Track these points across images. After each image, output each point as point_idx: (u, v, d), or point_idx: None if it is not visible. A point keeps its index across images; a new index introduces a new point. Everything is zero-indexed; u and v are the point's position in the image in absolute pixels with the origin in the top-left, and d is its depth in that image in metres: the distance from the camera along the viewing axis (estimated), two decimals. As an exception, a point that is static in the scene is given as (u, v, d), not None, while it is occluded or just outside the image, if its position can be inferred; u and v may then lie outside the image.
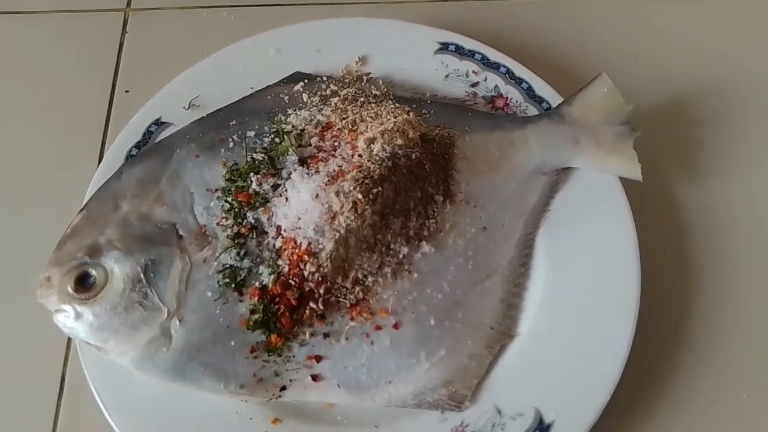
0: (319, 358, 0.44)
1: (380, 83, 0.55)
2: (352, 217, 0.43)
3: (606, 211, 0.50)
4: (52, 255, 0.44)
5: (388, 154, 0.46)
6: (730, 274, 0.51)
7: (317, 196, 0.44)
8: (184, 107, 0.54)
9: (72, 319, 0.42)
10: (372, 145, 0.46)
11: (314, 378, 0.43)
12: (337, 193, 0.44)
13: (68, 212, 0.50)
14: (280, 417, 0.44)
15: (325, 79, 0.54)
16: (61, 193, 0.55)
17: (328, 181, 0.45)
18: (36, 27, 0.65)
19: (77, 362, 0.47)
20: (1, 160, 0.58)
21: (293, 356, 0.43)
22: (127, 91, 0.61)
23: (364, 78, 0.55)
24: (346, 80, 0.55)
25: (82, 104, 0.60)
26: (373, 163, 0.45)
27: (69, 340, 0.50)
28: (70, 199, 0.52)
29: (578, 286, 0.47)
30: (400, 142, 0.47)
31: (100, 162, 0.57)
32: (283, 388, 0.43)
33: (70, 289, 0.42)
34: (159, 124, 0.54)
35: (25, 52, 0.64)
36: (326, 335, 0.44)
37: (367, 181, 0.44)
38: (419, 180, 0.47)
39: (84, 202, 0.49)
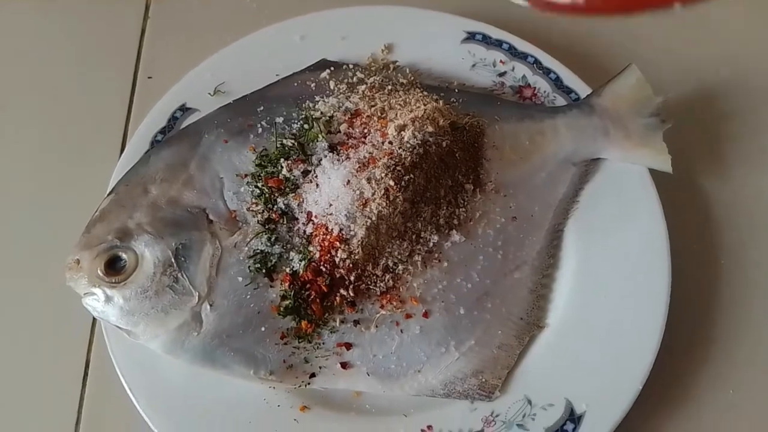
0: (348, 346, 0.43)
1: (407, 71, 0.54)
2: (384, 204, 0.43)
3: (636, 203, 0.49)
4: (81, 238, 0.43)
5: (419, 142, 0.45)
6: (759, 267, 0.51)
7: (348, 182, 0.43)
8: (209, 93, 0.54)
9: (102, 302, 0.42)
10: (403, 132, 0.46)
11: (343, 365, 0.43)
12: (369, 180, 0.43)
13: (91, 197, 0.50)
14: (308, 404, 0.43)
15: (351, 66, 0.54)
16: (84, 178, 0.55)
17: (359, 167, 0.44)
18: (58, 12, 0.64)
19: (101, 347, 0.47)
20: (24, 145, 0.58)
21: (323, 343, 0.43)
22: (149, 77, 0.60)
23: (391, 66, 0.55)
24: (373, 68, 0.54)
25: (105, 90, 0.60)
26: (404, 150, 0.45)
27: (93, 324, 0.50)
28: (93, 183, 0.52)
29: (607, 277, 0.47)
30: (430, 129, 0.46)
31: (122, 147, 0.57)
32: (313, 375, 0.43)
33: (100, 272, 0.42)
34: (184, 109, 0.53)
35: (47, 37, 0.63)
36: (356, 322, 0.43)
37: (398, 168, 0.44)
38: (450, 168, 0.47)
39: (110, 187, 0.49)
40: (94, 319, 0.48)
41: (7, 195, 0.55)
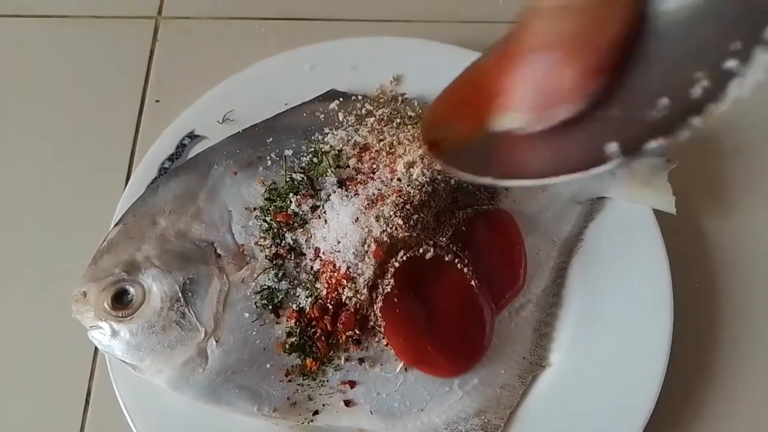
0: (352, 384, 0.43)
1: (415, 104, 0.54)
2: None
3: (639, 243, 0.49)
4: (88, 270, 0.43)
5: (428, 179, 0.45)
6: (760, 307, 0.51)
7: (357, 219, 0.43)
8: (218, 121, 0.54)
9: (108, 336, 0.42)
10: (411, 169, 0.46)
11: (347, 403, 0.43)
12: (377, 218, 0.43)
13: (96, 222, 0.50)
14: (311, 441, 0.43)
15: (360, 98, 0.54)
16: (89, 203, 0.55)
17: (368, 204, 0.44)
18: (65, 32, 0.65)
19: (103, 376, 0.47)
20: (29, 168, 0.57)
21: (327, 381, 0.43)
22: (157, 101, 0.60)
23: (399, 98, 0.55)
24: (381, 100, 0.55)
25: (112, 112, 0.60)
26: (413, 188, 0.45)
27: (95, 353, 0.49)
28: (98, 208, 0.52)
29: (610, 317, 0.47)
30: (439, 167, 0.46)
31: (129, 171, 0.57)
32: (316, 412, 0.43)
33: (107, 306, 0.42)
34: (193, 137, 0.53)
35: (54, 57, 0.63)
36: (361, 360, 0.43)
37: (407, 206, 0.44)
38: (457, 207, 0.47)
39: (115, 214, 0.49)
40: (97, 348, 0.48)
41: (13, 220, 0.55)
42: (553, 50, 0.26)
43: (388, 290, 0.42)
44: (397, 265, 0.43)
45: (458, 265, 0.44)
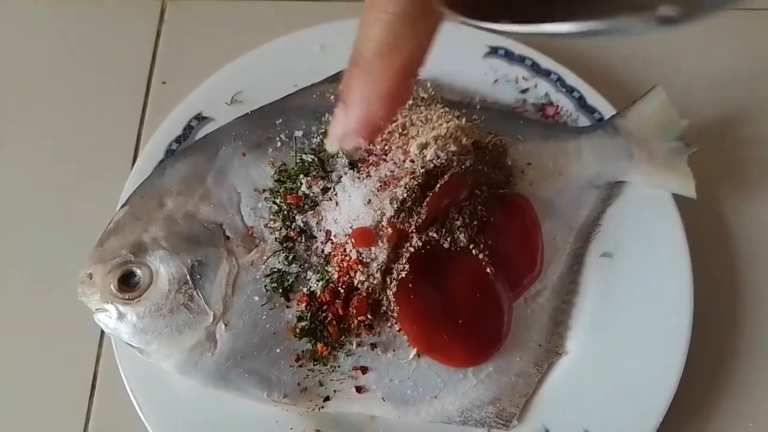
0: (364, 370, 0.42)
1: (428, 86, 0.53)
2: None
3: (658, 229, 0.48)
4: (94, 251, 0.42)
5: (442, 161, 0.44)
6: (782, 297, 0.50)
7: (369, 201, 0.42)
8: (226, 102, 0.53)
9: (114, 319, 0.41)
10: (425, 150, 0.45)
11: (358, 389, 0.42)
12: (391, 201, 0.42)
13: (103, 205, 0.49)
14: (321, 428, 0.42)
15: (371, 79, 0.53)
16: (96, 185, 0.54)
17: (380, 186, 0.43)
18: (70, 13, 0.63)
19: (109, 360, 0.46)
20: (35, 150, 0.56)
21: (338, 366, 0.42)
22: (164, 83, 0.59)
23: (412, 80, 0.54)
24: (393, 81, 0.53)
25: (119, 94, 0.59)
26: (426, 170, 0.44)
27: (101, 337, 0.49)
28: (105, 191, 0.51)
29: (628, 304, 0.46)
30: (453, 148, 0.45)
31: (135, 154, 0.56)
32: (327, 398, 0.42)
33: (113, 288, 0.41)
34: (200, 118, 0.52)
35: (59, 39, 0.62)
36: (373, 346, 0.42)
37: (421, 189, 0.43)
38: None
39: (122, 196, 0.48)
40: (103, 331, 0.47)
41: (16, 203, 0.54)
42: (344, 99, 0.31)
43: (403, 276, 0.41)
44: (412, 250, 0.41)
45: (474, 251, 0.43)
